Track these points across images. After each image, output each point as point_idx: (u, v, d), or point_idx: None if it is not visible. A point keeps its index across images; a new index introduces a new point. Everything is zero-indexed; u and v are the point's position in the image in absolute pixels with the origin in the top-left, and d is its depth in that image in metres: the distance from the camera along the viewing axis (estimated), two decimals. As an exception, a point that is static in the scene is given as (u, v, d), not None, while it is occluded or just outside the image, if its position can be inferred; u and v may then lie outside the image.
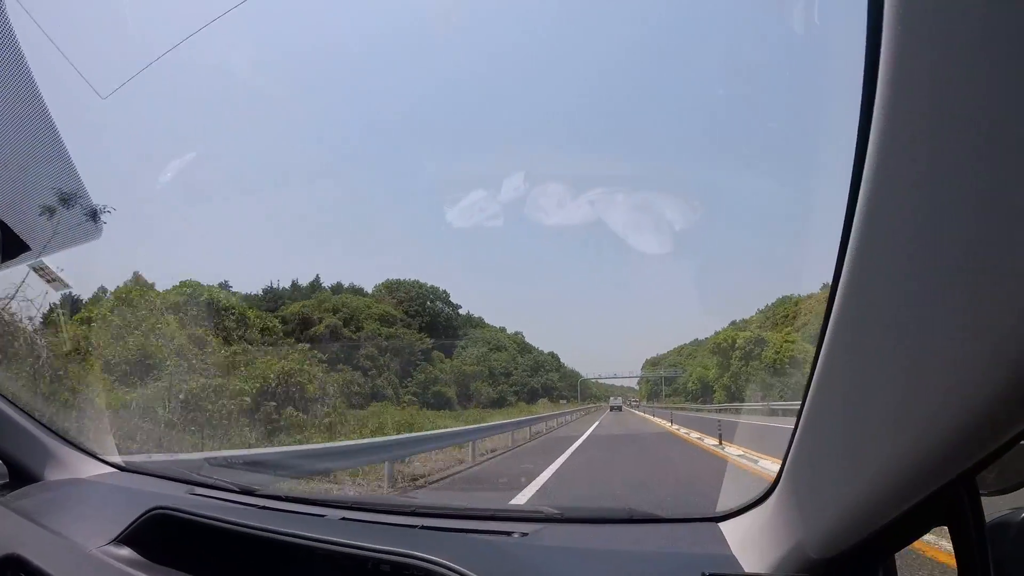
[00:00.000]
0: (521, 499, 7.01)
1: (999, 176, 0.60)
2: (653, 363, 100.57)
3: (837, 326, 0.96)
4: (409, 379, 50.14)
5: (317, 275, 62.29)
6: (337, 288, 61.64)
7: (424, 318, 63.91)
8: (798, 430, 1.26)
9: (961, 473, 0.82)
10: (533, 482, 8.69)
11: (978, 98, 0.61)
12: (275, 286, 57.98)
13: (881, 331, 0.86)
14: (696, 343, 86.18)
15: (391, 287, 65.91)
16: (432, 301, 68.43)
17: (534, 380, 70.72)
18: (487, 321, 74.35)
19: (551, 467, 10.73)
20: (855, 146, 0.81)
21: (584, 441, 17.85)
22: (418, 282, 67.33)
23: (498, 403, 53.65)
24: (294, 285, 59.92)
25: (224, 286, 46.11)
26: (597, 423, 31.03)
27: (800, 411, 1.23)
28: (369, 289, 63.81)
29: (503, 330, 75.15)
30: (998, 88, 0.59)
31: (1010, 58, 0.57)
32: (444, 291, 69.85)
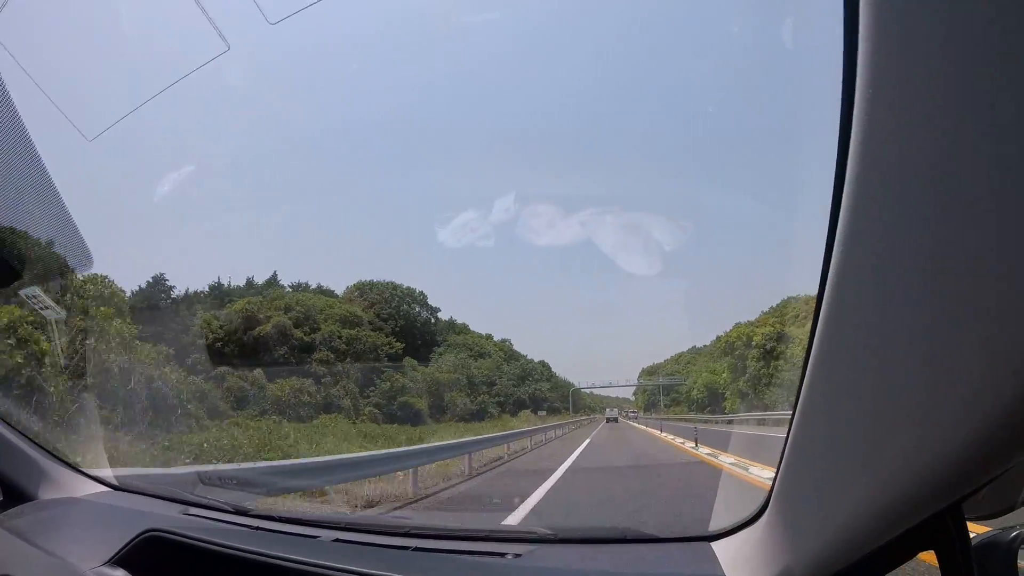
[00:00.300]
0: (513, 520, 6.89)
1: (965, 194, 0.62)
2: (650, 372, 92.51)
3: (822, 351, 0.97)
4: (372, 388, 44.64)
5: (275, 272, 54.98)
6: (299, 287, 55.83)
7: (398, 322, 58.44)
8: (786, 451, 1.27)
9: (948, 504, 0.84)
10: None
11: (946, 116, 0.63)
12: (224, 283, 50.34)
13: (862, 359, 0.87)
14: (695, 351, 79.90)
15: (363, 288, 60.49)
16: (408, 304, 62.82)
17: (521, 390, 65.14)
18: (472, 328, 68.27)
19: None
20: (835, 164, 0.82)
21: (561, 478, 11.51)
22: (393, 283, 61.90)
23: (477, 415, 49.90)
24: (248, 283, 52.38)
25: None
26: (588, 441, 24.79)
27: (788, 430, 1.24)
28: (341, 292, 58.19)
29: (489, 337, 69.72)
30: (964, 105, 0.60)
31: (975, 75, 0.59)
32: (421, 293, 64.50)
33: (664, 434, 27.75)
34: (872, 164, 0.75)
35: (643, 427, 41.91)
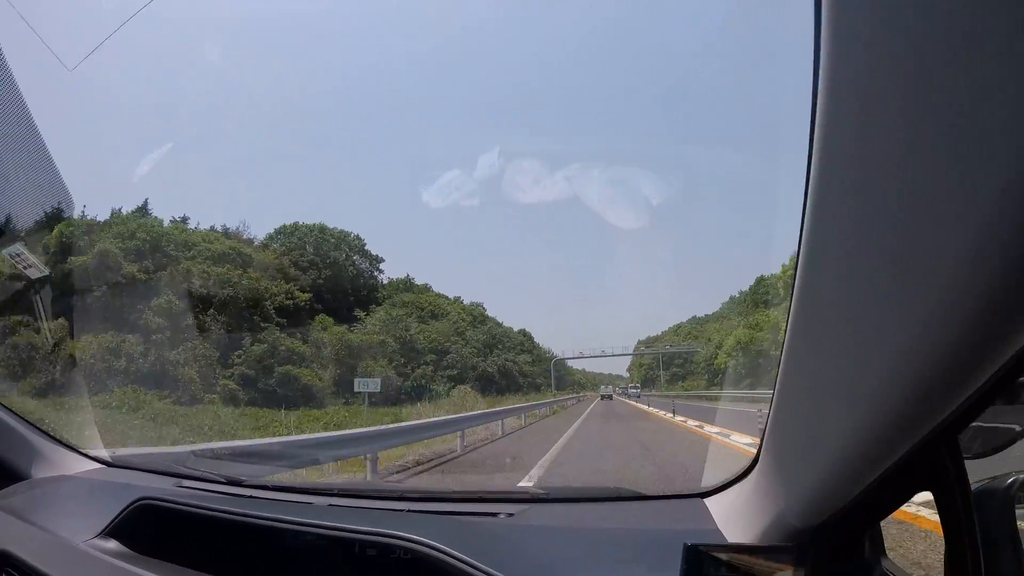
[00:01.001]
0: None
1: (923, 174, 0.63)
2: (647, 345, 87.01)
3: (799, 302, 0.98)
4: (239, 352, 32.21)
5: (145, 199, 41.51)
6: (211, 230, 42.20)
7: (321, 272, 47.02)
8: (774, 401, 1.27)
9: (940, 435, 0.83)
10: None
11: (906, 97, 0.63)
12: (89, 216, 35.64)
13: (834, 302, 0.88)
14: (696, 320, 76.15)
15: (286, 232, 50.07)
16: (340, 251, 52.05)
17: (488, 362, 53.13)
18: (440, 291, 58.24)
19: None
20: (808, 134, 0.83)
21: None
22: (322, 226, 51.56)
23: (416, 393, 38.31)
24: (114, 213, 38.21)
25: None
26: (561, 443, 14.09)
27: (774, 384, 1.24)
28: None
29: (456, 300, 59.08)
30: (926, 87, 0.61)
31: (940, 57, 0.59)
32: (358, 238, 54.05)
33: (689, 423, 18.75)
34: (836, 158, 0.78)
35: (649, 409, 31.18)
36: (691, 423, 18.76)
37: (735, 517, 1.68)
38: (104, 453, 3.04)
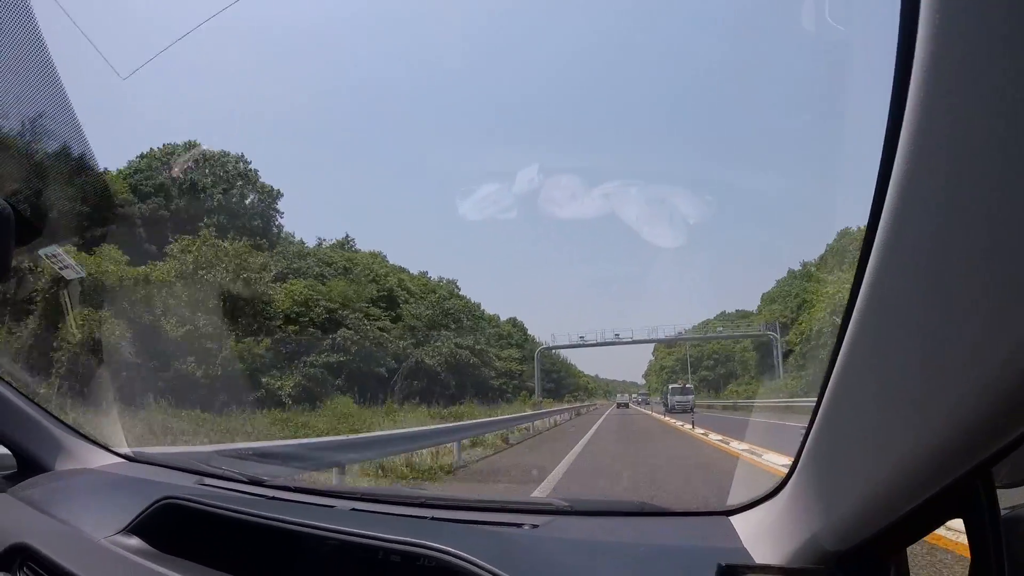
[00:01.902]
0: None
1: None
2: (668, 346, 74.63)
3: (861, 316, 0.95)
4: None
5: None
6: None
7: (172, 201, 34.73)
8: (816, 421, 1.24)
9: (977, 464, 0.82)
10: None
11: (1011, 102, 0.61)
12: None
13: (903, 322, 0.85)
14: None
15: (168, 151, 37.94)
16: (216, 169, 38.51)
17: (426, 350, 37.46)
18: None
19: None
20: (883, 142, 0.80)
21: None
22: (194, 143, 39.18)
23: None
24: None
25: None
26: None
27: (818, 403, 1.21)
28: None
29: (423, 276, 44.96)
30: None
31: None
32: (248, 168, 39.88)
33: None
34: (923, 165, 0.74)
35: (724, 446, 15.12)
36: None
37: (763, 537, 1.64)
38: (127, 449, 3.06)
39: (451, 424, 15.90)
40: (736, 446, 14.39)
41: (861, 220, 0.93)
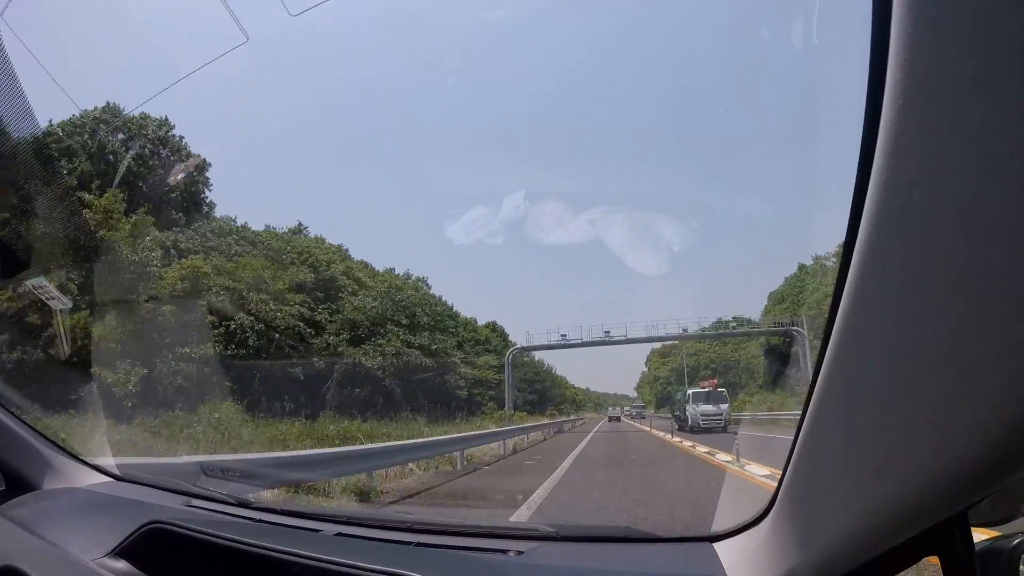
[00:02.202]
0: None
1: (990, 204, 0.62)
2: (662, 355, 73.13)
3: (838, 352, 0.96)
4: None
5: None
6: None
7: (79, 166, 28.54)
8: (794, 454, 1.26)
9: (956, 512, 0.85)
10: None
11: (984, 111, 0.62)
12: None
13: (877, 366, 0.87)
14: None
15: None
16: (134, 132, 33.11)
17: (364, 349, 31.32)
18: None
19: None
20: (857, 163, 0.82)
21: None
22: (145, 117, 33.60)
23: None
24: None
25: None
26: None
27: (798, 430, 1.23)
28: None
29: (349, 258, 37.53)
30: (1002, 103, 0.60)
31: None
32: (172, 134, 34.69)
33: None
34: (899, 169, 0.74)
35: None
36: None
37: (744, 566, 1.65)
38: (113, 464, 3.05)
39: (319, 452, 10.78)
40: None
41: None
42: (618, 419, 51.12)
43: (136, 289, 23.17)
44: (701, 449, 17.89)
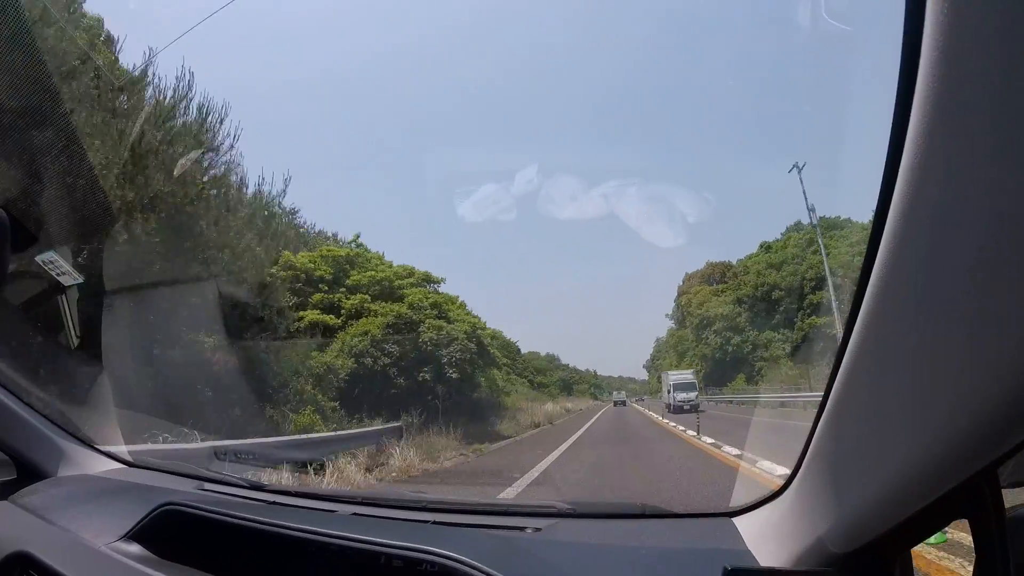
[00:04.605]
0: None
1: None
2: (707, 278, 54.66)
3: (865, 320, 0.95)
4: None
5: None
6: None
7: None
8: (820, 422, 1.24)
9: (984, 466, 0.83)
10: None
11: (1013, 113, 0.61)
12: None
13: (908, 325, 0.85)
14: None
15: None
16: None
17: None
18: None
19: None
20: (888, 145, 0.80)
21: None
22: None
23: None
24: None
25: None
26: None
27: (822, 403, 1.21)
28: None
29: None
30: None
31: None
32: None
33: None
34: (932, 149, 0.73)
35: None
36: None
37: (767, 539, 1.63)
38: (126, 453, 3.05)
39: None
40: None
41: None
42: (623, 403, 48.48)
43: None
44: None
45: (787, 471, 1.57)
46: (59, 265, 6.73)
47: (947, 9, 0.66)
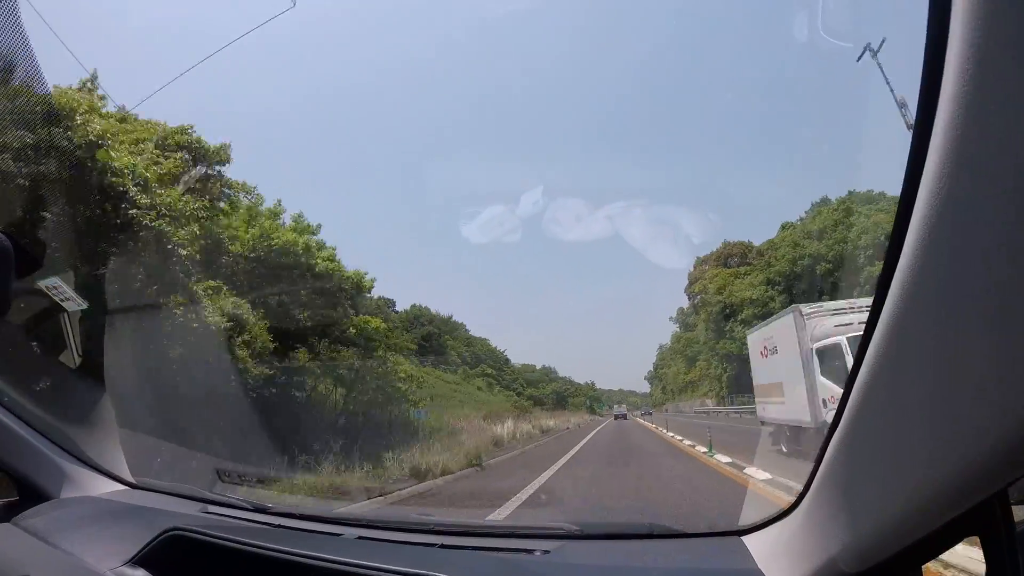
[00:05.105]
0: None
1: None
2: (722, 259, 58.17)
3: (882, 340, 0.94)
4: None
5: None
6: None
7: None
8: (833, 440, 1.23)
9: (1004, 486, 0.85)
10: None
11: None
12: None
13: (927, 348, 0.85)
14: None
15: None
16: None
17: None
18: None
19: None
20: (907, 163, 0.80)
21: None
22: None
23: None
24: None
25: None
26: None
27: (836, 421, 1.20)
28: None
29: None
30: None
31: None
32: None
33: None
34: (956, 162, 0.72)
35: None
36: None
37: (778, 557, 1.62)
38: (128, 475, 3.02)
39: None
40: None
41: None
42: (624, 417, 48.67)
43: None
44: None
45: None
46: (63, 291, 6.69)
47: (972, 7, 0.66)
